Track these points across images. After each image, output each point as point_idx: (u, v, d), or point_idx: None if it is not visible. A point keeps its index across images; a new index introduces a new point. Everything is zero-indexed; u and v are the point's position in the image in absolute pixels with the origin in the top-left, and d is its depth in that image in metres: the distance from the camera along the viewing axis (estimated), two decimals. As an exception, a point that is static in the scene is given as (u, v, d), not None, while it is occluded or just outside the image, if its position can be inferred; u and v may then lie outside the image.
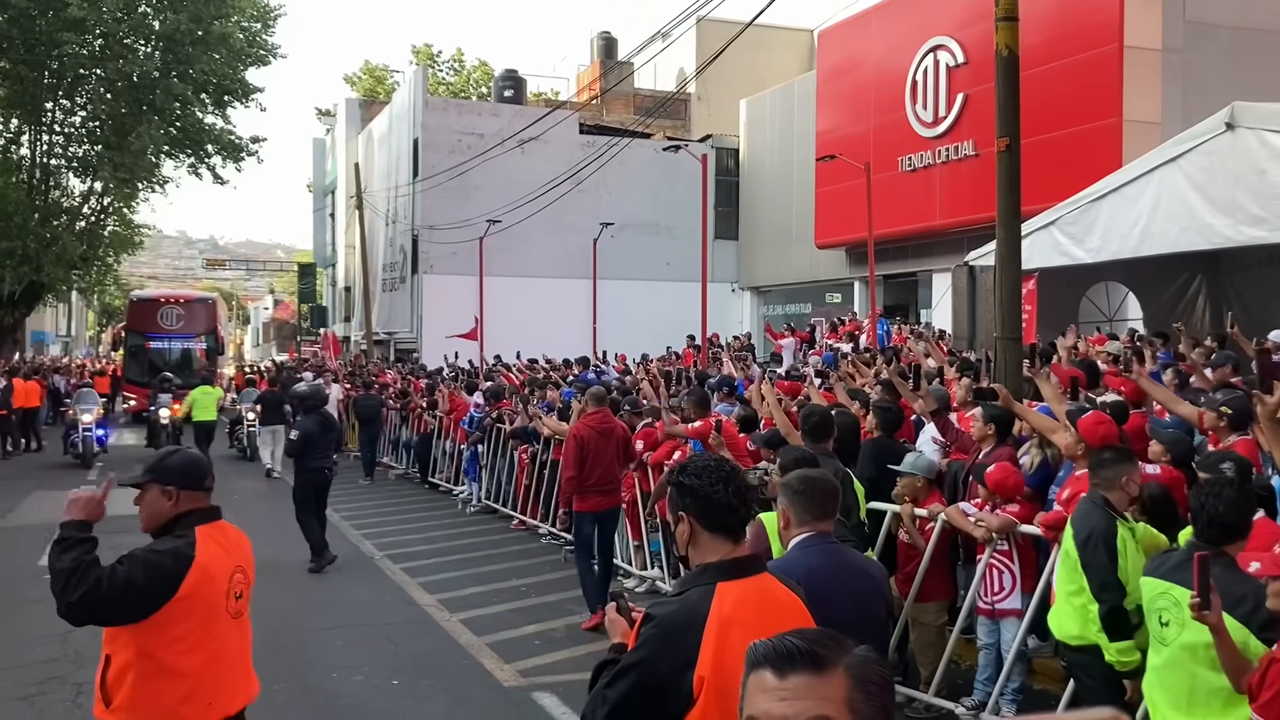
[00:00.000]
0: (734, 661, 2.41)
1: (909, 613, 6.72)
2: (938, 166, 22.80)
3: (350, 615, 9.22)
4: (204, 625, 3.59)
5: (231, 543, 3.81)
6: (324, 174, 52.85)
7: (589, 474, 8.71)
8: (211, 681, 3.62)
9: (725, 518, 2.66)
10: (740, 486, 2.70)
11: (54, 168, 32.82)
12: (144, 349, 30.48)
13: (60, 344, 63.24)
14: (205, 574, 3.58)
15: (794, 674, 1.56)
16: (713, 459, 2.77)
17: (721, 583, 2.57)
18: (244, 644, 3.85)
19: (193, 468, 3.77)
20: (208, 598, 3.59)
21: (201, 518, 3.70)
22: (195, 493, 3.73)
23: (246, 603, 3.84)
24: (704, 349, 19.70)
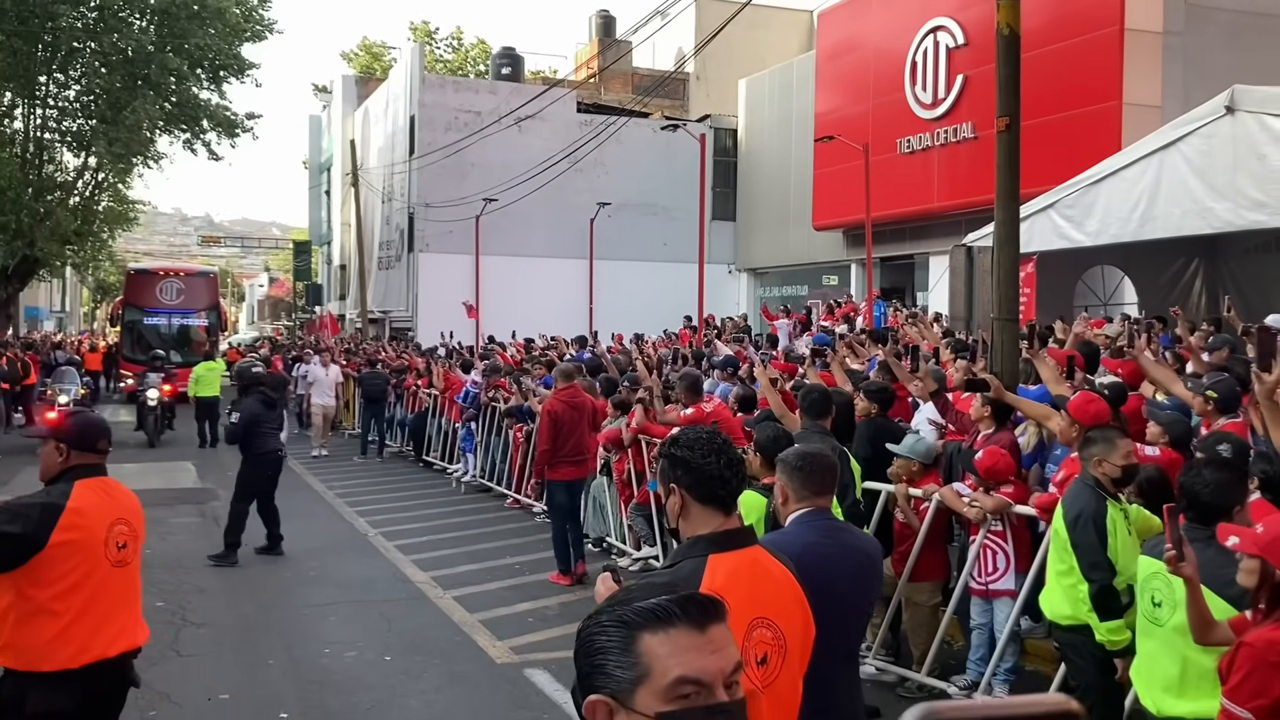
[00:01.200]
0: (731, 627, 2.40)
1: (902, 592, 6.72)
2: (936, 148, 22.72)
3: (343, 592, 9.22)
4: (80, 571, 3.82)
5: (115, 497, 4.07)
6: (320, 151, 52.64)
7: (561, 446, 9.38)
8: (88, 624, 3.84)
9: (716, 490, 2.64)
10: (732, 459, 2.68)
11: (48, 142, 32.58)
12: (142, 325, 29.67)
13: (55, 319, 63.07)
14: (78, 523, 3.83)
15: (711, 625, 1.52)
16: (705, 431, 2.75)
17: (713, 555, 2.56)
18: (128, 592, 4.08)
19: (87, 432, 4.07)
20: (83, 545, 3.83)
21: (85, 473, 3.98)
22: (85, 453, 4.02)
23: (131, 553, 4.07)
24: (700, 330, 19.66)
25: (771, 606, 2.54)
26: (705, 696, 1.48)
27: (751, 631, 2.47)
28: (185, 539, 11.15)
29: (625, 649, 1.50)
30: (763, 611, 2.51)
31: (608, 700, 1.50)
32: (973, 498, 6.28)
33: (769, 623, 2.51)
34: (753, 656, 2.45)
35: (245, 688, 6.68)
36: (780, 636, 2.52)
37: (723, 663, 1.50)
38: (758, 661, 2.46)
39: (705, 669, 1.48)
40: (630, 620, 1.52)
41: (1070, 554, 4.64)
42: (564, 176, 29.31)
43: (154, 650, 7.31)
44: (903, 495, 6.75)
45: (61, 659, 3.77)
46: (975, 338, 11.41)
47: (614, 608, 1.55)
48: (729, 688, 1.50)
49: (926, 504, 6.62)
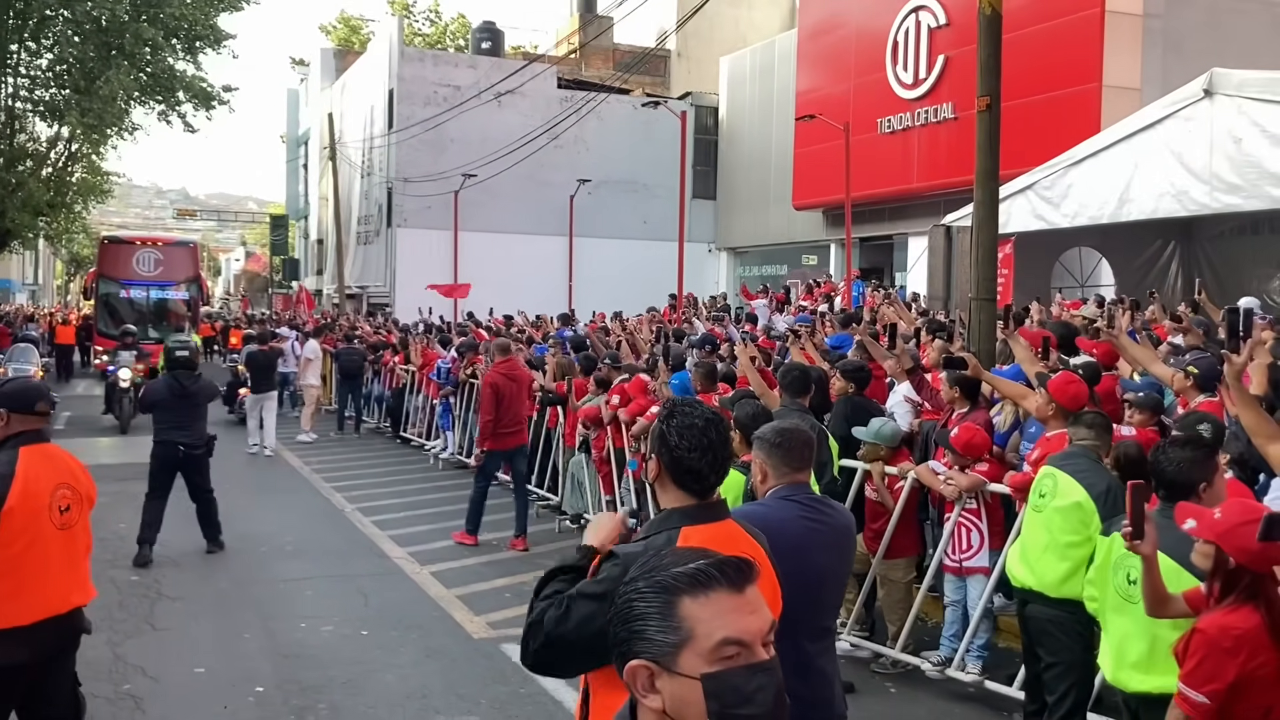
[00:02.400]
0: None
1: (877, 569, 6.77)
2: (916, 129, 22.74)
3: (319, 567, 9.19)
4: (26, 534, 4.03)
5: (57, 462, 4.26)
6: (297, 125, 52.17)
7: (502, 417, 9.87)
8: (36, 585, 4.07)
9: (690, 481, 2.66)
10: (719, 456, 2.67)
11: (19, 111, 32.13)
12: (117, 298, 27.64)
13: (28, 292, 62.42)
14: (25, 489, 4.03)
15: (749, 586, 1.57)
16: (707, 418, 2.70)
17: (686, 527, 2.59)
18: (74, 553, 4.29)
19: (24, 394, 4.22)
20: (29, 509, 4.03)
21: (28, 439, 4.15)
22: (26, 416, 4.18)
23: (76, 515, 4.27)
24: (680, 308, 19.66)
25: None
26: (748, 656, 1.54)
27: None
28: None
29: (665, 614, 1.55)
30: None
31: (649, 665, 1.55)
32: (948, 475, 6.32)
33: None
34: None
35: (220, 661, 6.65)
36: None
37: (760, 623, 1.55)
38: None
39: (747, 629, 1.54)
40: (669, 585, 1.56)
41: (1089, 526, 4.65)
42: (544, 152, 29.18)
43: (129, 624, 7.31)
44: (879, 473, 6.79)
45: (13, 617, 4.00)
46: (952, 318, 11.46)
47: (650, 574, 1.60)
48: (766, 646, 1.56)
49: (902, 482, 6.66)
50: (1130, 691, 3.97)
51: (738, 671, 1.52)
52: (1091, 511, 4.68)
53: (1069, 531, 4.78)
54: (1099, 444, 4.93)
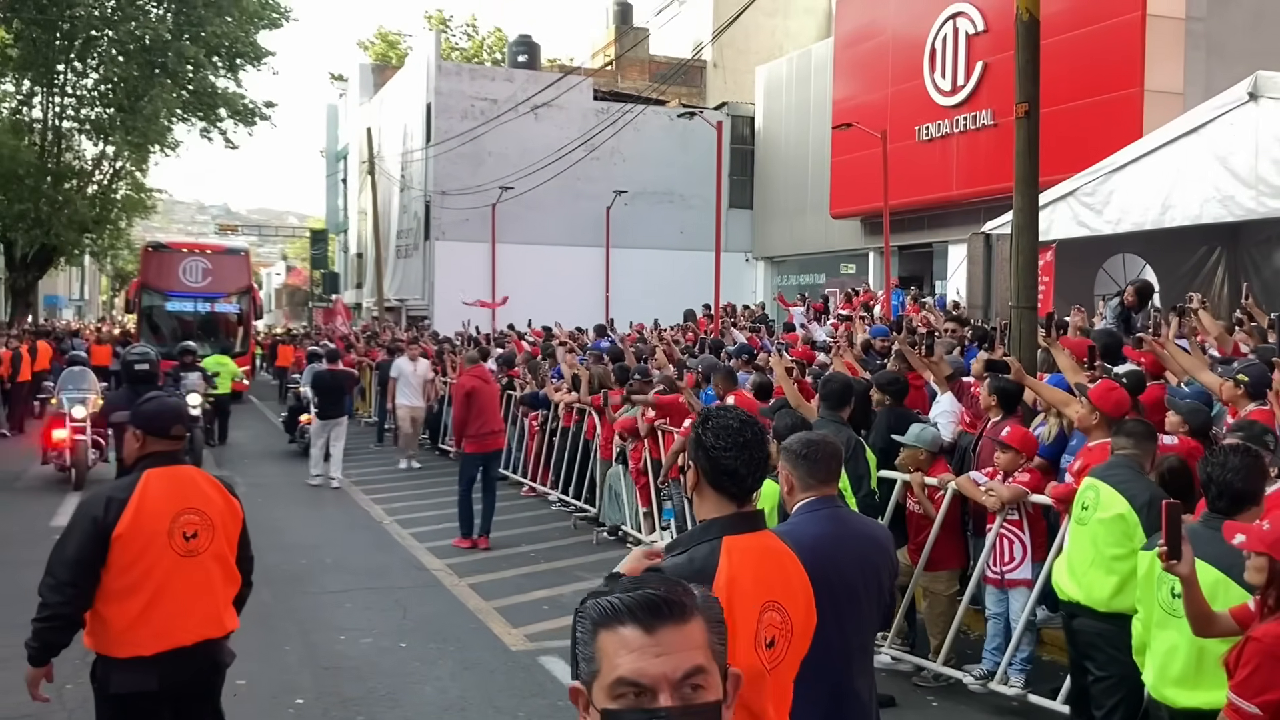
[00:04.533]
0: (741, 610, 2.41)
1: (919, 582, 6.69)
2: (955, 136, 22.56)
3: (359, 579, 9.24)
4: (145, 560, 3.88)
5: (185, 486, 4.05)
6: (337, 140, 52.69)
7: (477, 420, 10.37)
8: (160, 613, 3.89)
9: (727, 483, 2.62)
10: (755, 456, 2.63)
11: (66, 130, 32.75)
12: (162, 311, 25.53)
13: (74, 308, 63.47)
14: (141, 515, 3.87)
15: (662, 627, 1.48)
16: (741, 420, 2.68)
17: (728, 537, 2.56)
18: (205, 582, 4.05)
19: (159, 416, 4.07)
20: (145, 534, 3.88)
21: (157, 461, 4.00)
22: (159, 439, 4.04)
23: (205, 542, 4.03)
24: (716, 318, 19.61)
25: (781, 591, 2.53)
26: (647, 700, 1.46)
27: (762, 614, 2.47)
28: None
29: (587, 642, 1.52)
30: (772, 595, 2.51)
31: (582, 689, 1.53)
32: (989, 486, 6.23)
33: (778, 606, 2.51)
34: (761, 639, 2.45)
35: (262, 673, 6.69)
36: (788, 621, 2.52)
37: (668, 667, 1.46)
38: (766, 644, 2.46)
39: (644, 671, 1.45)
40: (591, 614, 1.52)
41: (1132, 539, 4.56)
42: (580, 164, 29.26)
43: (171, 636, 7.36)
44: (918, 484, 6.72)
45: (134, 646, 3.86)
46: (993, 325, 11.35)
47: (594, 597, 1.55)
48: (682, 691, 1.46)
49: (942, 493, 6.58)
50: (1175, 707, 3.88)
51: (630, 714, 1.46)
52: (1135, 524, 4.59)
53: (1113, 545, 4.70)
54: (1139, 453, 4.82)
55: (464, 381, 10.76)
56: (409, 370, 16.42)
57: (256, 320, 28.95)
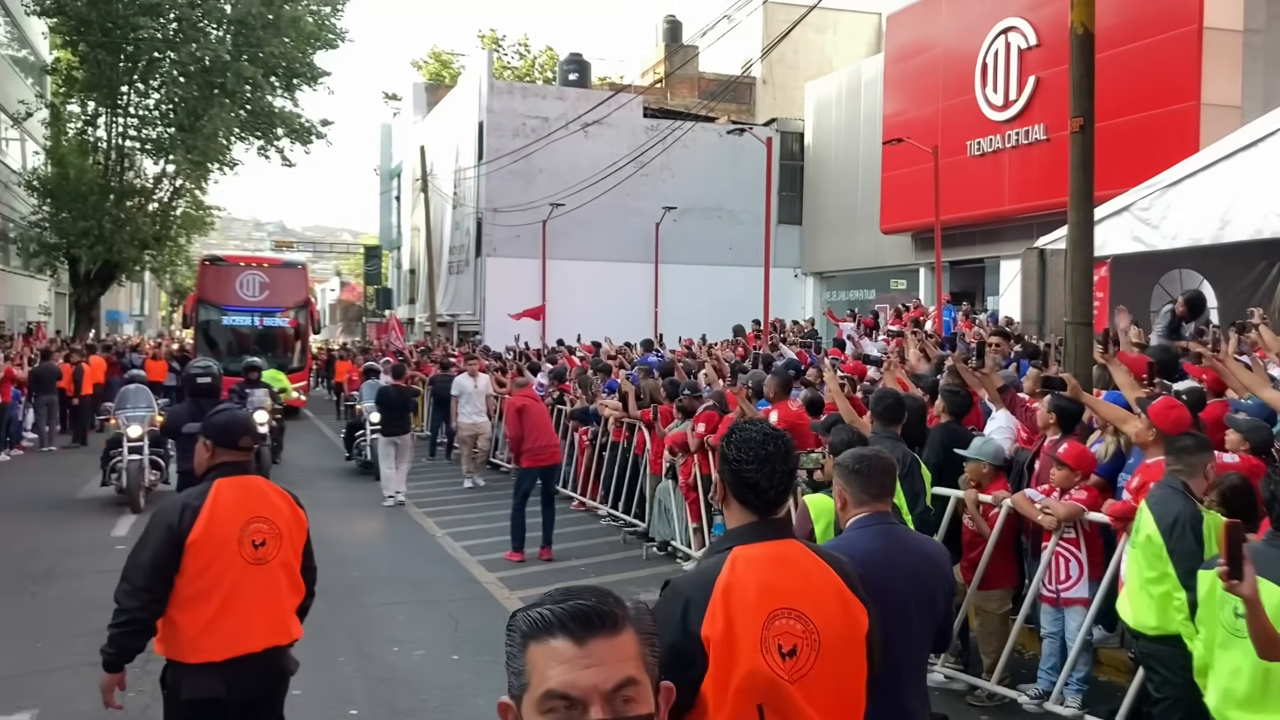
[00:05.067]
0: (740, 618, 2.42)
1: (972, 600, 6.63)
2: (1007, 151, 22.39)
3: (411, 591, 9.33)
4: (215, 567, 3.95)
5: (254, 495, 4.12)
6: (390, 158, 53.43)
7: (532, 435, 10.55)
8: (229, 620, 3.95)
9: (748, 496, 2.61)
10: (778, 470, 2.61)
11: (128, 149, 33.52)
12: (219, 325, 25.29)
13: (134, 323, 64.79)
14: (213, 522, 3.95)
15: (593, 638, 1.46)
16: (764, 433, 2.67)
17: (738, 547, 2.55)
18: (272, 589, 4.10)
19: (230, 427, 4.17)
20: (217, 541, 3.95)
21: (226, 471, 4.10)
22: (229, 450, 4.14)
23: (273, 551, 4.09)
24: (766, 334, 19.58)
25: (799, 598, 2.50)
26: (577, 713, 1.44)
27: (773, 622, 2.45)
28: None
29: (516, 655, 1.50)
30: (786, 602, 2.48)
31: (511, 703, 1.51)
32: (1045, 504, 6.17)
33: (796, 614, 2.47)
34: (776, 646, 2.44)
35: (317, 684, 6.78)
36: (812, 630, 2.48)
37: (599, 678, 1.44)
38: (784, 652, 2.44)
39: (574, 684, 1.44)
40: (520, 627, 1.51)
41: (1163, 561, 4.50)
42: (630, 181, 29.42)
43: (229, 645, 7.49)
44: (972, 501, 6.66)
45: (205, 652, 3.92)
46: (1048, 342, 11.23)
47: (524, 609, 1.54)
48: (613, 703, 1.45)
49: (996, 510, 6.52)
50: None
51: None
52: (1160, 545, 4.53)
53: (1148, 567, 4.65)
54: (1184, 469, 4.71)
55: (515, 399, 10.96)
56: (470, 387, 16.03)
57: (314, 335, 28.47)
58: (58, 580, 9.49)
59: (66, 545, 10.98)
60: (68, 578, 9.57)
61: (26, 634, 7.82)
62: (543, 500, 10.70)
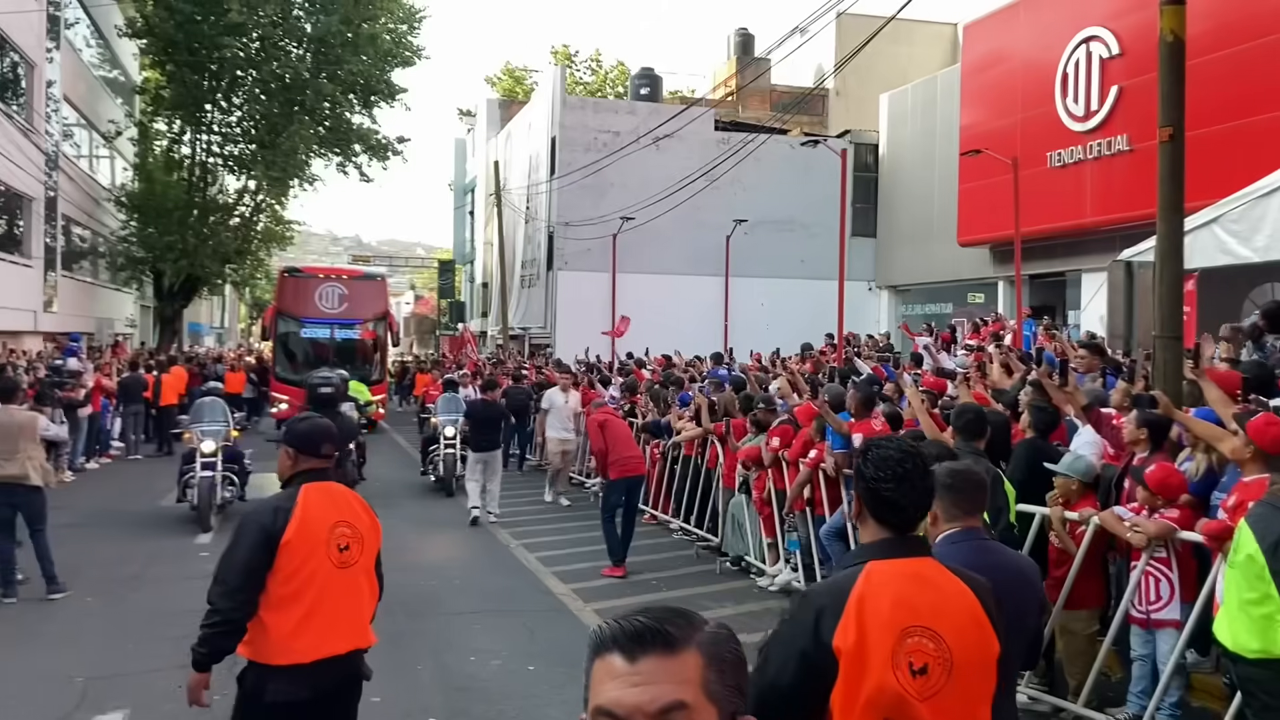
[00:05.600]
0: (873, 632, 2.41)
1: (1058, 619, 6.47)
2: (1089, 162, 21.94)
3: (487, 601, 9.39)
4: (306, 570, 4.03)
5: (338, 500, 4.23)
6: (464, 173, 54.15)
7: (616, 448, 10.50)
8: (317, 622, 4.03)
9: (886, 513, 2.62)
10: (917, 488, 2.63)
11: (211, 166, 34.45)
12: (298, 337, 25.13)
13: (215, 335, 66.41)
14: (305, 524, 4.04)
15: (645, 656, 1.42)
16: (902, 450, 2.69)
17: (872, 562, 2.55)
18: (355, 594, 4.20)
19: (311, 435, 4.25)
20: (308, 543, 4.04)
21: (311, 477, 4.20)
22: (310, 457, 4.23)
23: (356, 555, 4.19)
24: (840, 348, 19.40)
25: (933, 617, 2.48)
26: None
27: (905, 639, 2.44)
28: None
29: (587, 669, 1.49)
30: (920, 620, 2.47)
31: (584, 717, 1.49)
32: (1135, 521, 6.00)
33: (929, 632, 2.46)
34: (906, 663, 2.42)
35: (396, 691, 6.85)
36: (945, 649, 2.46)
37: (644, 698, 1.40)
38: (915, 670, 2.43)
39: (619, 701, 1.41)
40: (590, 640, 1.50)
41: (1265, 581, 4.34)
42: (701, 194, 29.42)
43: (310, 652, 7.61)
44: (1058, 518, 6.51)
45: (294, 653, 3.98)
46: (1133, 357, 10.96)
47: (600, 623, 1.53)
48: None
49: (1083, 528, 6.36)
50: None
51: None
52: (1262, 565, 4.35)
53: (1247, 588, 4.47)
54: None
55: (597, 414, 11.02)
56: (560, 402, 15.52)
57: (393, 347, 27.88)
58: (146, 585, 9.74)
59: (153, 551, 11.26)
60: (155, 583, 9.81)
61: (118, 636, 8.03)
62: (624, 512, 10.65)
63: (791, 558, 9.88)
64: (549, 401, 15.68)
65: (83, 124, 33.23)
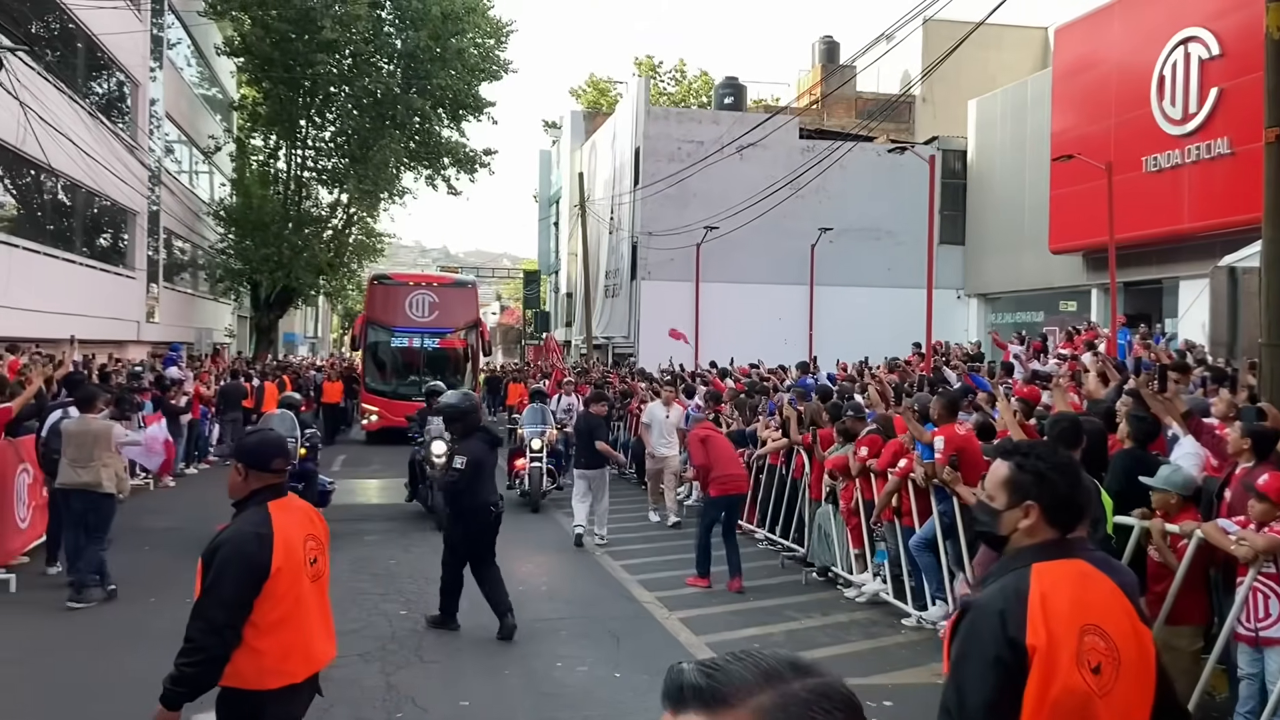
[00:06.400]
0: (1059, 630, 2.42)
1: (1159, 636, 6.26)
2: (1187, 166, 21.32)
3: (572, 608, 9.44)
4: (294, 591, 3.92)
5: (297, 514, 4.11)
6: (549, 184, 54.72)
7: (719, 464, 10.23)
8: (304, 640, 3.97)
9: (1065, 516, 2.66)
10: (1087, 486, 2.71)
11: (306, 180, 35.36)
12: (388, 346, 24.67)
13: (308, 344, 68.03)
14: (286, 547, 3.91)
15: (684, 712, 1.23)
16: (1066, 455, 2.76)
17: (1037, 564, 2.57)
18: (325, 602, 4.15)
19: (262, 450, 4.06)
20: (293, 566, 3.93)
21: (270, 495, 4.02)
22: (263, 473, 4.03)
23: (323, 565, 4.12)
24: (928, 356, 19.12)
25: (1102, 616, 2.51)
26: None
27: (1083, 637, 2.46)
28: (426, 551, 11.72)
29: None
30: (1092, 619, 2.49)
31: None
32: (1241, 535, 5.79)
33: (1100, 631, 2.48)
34: (1086, 662, 2.44)
35: (484, 695, 6.92)
36: (1114, 648, 2.48)
37: None
38: (1092, 669, 2.44)
39: None
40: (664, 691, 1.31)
41: None
42: (785, 203, 29.28)
43: (400, 655, 7.74)
44: (1158, 531, 6.31)
45: (289, 674, 3.92)
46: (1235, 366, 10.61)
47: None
48: None
49: (1185, 541, 6.16)
50: None
51: None
52: None
53: None
54: None
55: (698, 430, 10.84)
56: (661, 416, 14.44)
57: (484, 357, 27.38)
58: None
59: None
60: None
61: (215, 637, 8.24)
62: (724, 531, 10.39)
63: (880, 569, 9.75)
64: (650, 416, 14.73)
65: (183, 140, 34.42)
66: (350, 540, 12.52)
